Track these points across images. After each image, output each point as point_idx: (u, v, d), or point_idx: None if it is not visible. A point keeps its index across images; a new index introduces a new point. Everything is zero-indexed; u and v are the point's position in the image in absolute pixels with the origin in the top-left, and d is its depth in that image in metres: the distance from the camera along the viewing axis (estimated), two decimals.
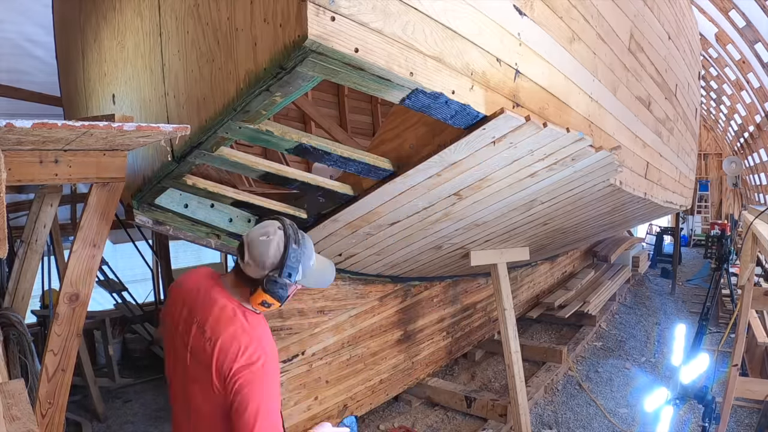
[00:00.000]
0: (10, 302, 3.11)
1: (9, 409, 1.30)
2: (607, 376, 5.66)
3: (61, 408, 2.09)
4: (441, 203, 2.81)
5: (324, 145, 2.08)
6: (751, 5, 6.59)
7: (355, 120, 5.99)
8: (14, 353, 2.75)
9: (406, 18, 1.56)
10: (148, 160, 2.37)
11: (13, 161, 1.68)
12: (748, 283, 3.58)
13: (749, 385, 3.91)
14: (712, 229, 14.80)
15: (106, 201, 1.98)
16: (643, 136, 4.07)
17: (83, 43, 3.24)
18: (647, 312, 8.17)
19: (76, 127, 1.45)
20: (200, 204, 2.72)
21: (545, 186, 3.07)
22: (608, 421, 4.63)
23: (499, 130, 2.13)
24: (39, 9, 4.77)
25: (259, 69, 1.52)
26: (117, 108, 2.71)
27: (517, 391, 4.04)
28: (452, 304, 5.22)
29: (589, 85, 2.88)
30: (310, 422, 3.62)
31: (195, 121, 1.89)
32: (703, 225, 16.60)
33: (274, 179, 2.32)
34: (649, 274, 10.89)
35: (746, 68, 8.40)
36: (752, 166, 11.95)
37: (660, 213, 7.37)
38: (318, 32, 1.32)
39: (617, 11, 3.28)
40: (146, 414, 5.00)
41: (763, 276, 6.79)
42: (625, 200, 4.31)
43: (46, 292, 4.73)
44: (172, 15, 2.00)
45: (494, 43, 1.96)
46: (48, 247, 4.29)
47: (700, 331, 4.01)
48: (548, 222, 4.11)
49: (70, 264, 2.02)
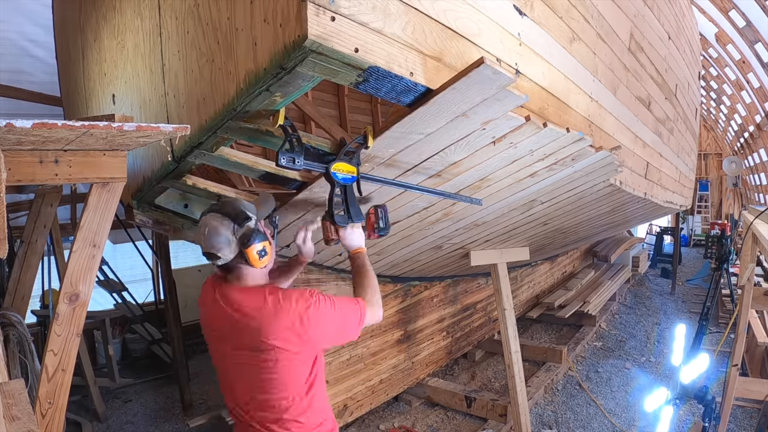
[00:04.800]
0: (10, 302, 3.11)
1: (9, 409, 1.30)
2: (607, 376, 5.66)
3: (61, 408, 2.09)
4: (441, 203, 2.81)
5: (323, 146, 2.08)
6: (751, 5, 6.59)
7: (355, 120, 5.99)
8: (14, 353, 2.75)
9: (406, 18, 1.56)
10: (148, 160, 2.37)
11: (13, 161, 1.67)
12: (748, 283, 3.58)
13: (749, 385, 3.91)
14: (712, 229, 14.80)
15: (106, 201, 1.98)
16: (643, 136, 4.07)
17: (83, 43, 3.24)
18: (647, 312, 8.17)
19: (76, 127, 1.45)
20: (200, 204, 2.72)
21: (545, 186, 3.08)
22: (608, 421, 4.63)
23: (499, 130, 2.13)
24: (39, 9, 4.77)
25: (259, 69, 1.52)
26: (117, 108, 2.71)
27: (517, 391, 4.04)
28: (452, 304, 5.22)
29: (589, 85, 2.88)
30: None
31: (195, 121, 1.89)
32: (703, 225, 16.60)
33: (274, 179, 2.32)
34: (649, 274, 10.89)
35: (746, 68, 8.40)
36: (752, 166, 11.95)
37: (660, 213, 7.36)
38: (318, 32, 1.32)
39: (617, 11, 3.28)
40: (146, 414, 5.00)
41: (763, 276, 6.79)
42: (625, 200, 4.31)
43: (46, 292, 4.73)
44: (172, 15, 2.00)
45: (494, 43, 1.96)
46: (48, 247, 4.30)
47: (700, 331, 4.01)
48: (548, 222, 4.11)
49: (70, 264, 2.02)
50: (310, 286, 3.65)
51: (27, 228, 3.17)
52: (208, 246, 1.69)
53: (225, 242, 1.67)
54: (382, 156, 2.12)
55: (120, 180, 1.93)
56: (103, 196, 1.96)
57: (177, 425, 4.75)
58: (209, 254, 1.71)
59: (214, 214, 1.70)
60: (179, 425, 4.73)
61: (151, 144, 1.99)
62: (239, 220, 1.69)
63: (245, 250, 1.68)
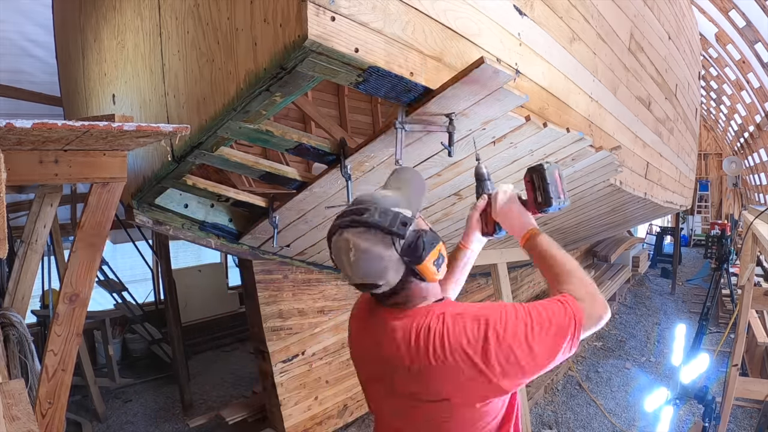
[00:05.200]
0: (10, 302, 3.10)
1: (9, 409, 1.30)
2: (607, 376, 5.66)
3: (61, 408, 2.09)
4: (441, 203, 2.81)
5: (324, 146, 2.09)
6: (751, 5, 6.59)
7: (355, 120, 5.98)
8: (14, 353, 2.75)
9: (406, 18, 1.56)
10: (148, 160, 2.37)
11: (13, 161, 1.67)
12: (748, 283, 3.58)
13: (749, 385, 3.91)
14: (712, 229, 14.80)
15: (106, 201, 1.98)
16: (643, 136, 4.07)
17: (83, 43, 3.24)
18: (647, 312, 8.17)
19: (76, 127, 1.45)
20: (200, 204, 2.72)
21: None
22: (608, 421, 4.62)
23: (499, 130, 2.13)
24: (39, 9, 4.77)
25: (259, 69, 1.52)
26: (117, 108, 2.71)
27: (517, 391, 4.03)
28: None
29: (589, 85, 2.88)
30: (310, 422, 3.63)
31: (195, 121, 1.89)
32: (703, 225, 16.60)
33: (274, 179, 2.32)
34: (649, 274, 10.89)
35: (746, 68, 8.39)
36: (752, 166, 11.94)
37: (660, 213, 7.37)
38: (318, 32, 1.32)
39: (617, 11, 3.28)
40: (146, 414, 5.00)
41: (763, 276, 6.79)
42: (625, 200, 4.31)
43: (46, 292, 4.73)
44: (172, 15, 2.00)
45: (494, 43, 1.96)
46: (48, 247, 4.29)
47: (700, 331, 4.01)
48: (548, 222, 4.11)
49: (70, 264, 2.02)
50: (310, 286, 3.64)
51: (27, 228, 3.16)
52: (361, 276, 1.19)
53: (388, 266, 1.17)
54: (381, 156, 2.12)
55: (120, 180, 1.94)
56: (103, 196, 1.97)
57: (177, 425, 4.75)
58: (364, 285, 1.21)
59: (356, 229, 1.17)
60: (179, 425, 4.73)
61: (151, 144, 2.00)
62: (396, 226, 1.16)
63: (419, 267, 1.18)
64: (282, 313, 3.41)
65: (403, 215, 1.18)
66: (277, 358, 3.40)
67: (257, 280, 3.28)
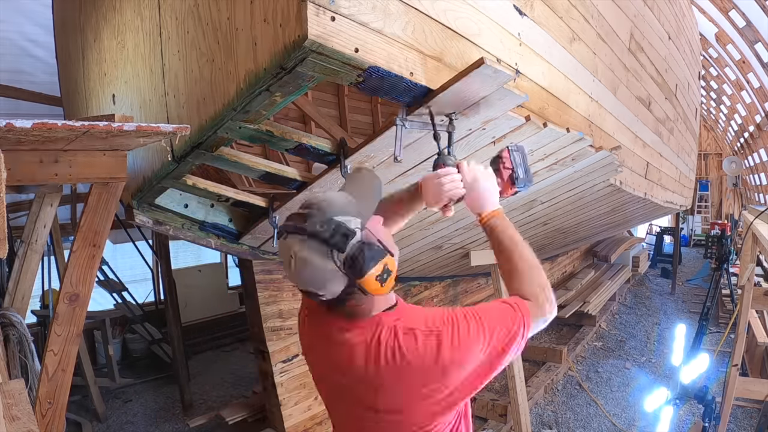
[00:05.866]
0: (10, 302, 3.10)
1: (9, 409, 1.30)
2: (607, 376, 5.66)
3: (61, 408, 2.09)
4: None
5: (323, 146, 2.09)
6: (751, 5, 6.59)
7: (355, 120, 5.98)
8: (14, 353, 2.75)
9: (406, 18, 1.56)
10: (148, 160, 2.37)
11: (13, 161, 1.67)
12: (748, 283, 3.58)
13: (749, 385, 3.91)
14: (712, 229, 14.80)
15: (106, 201, 1.98)
16: (643, 136, 4.07)
17: (83, 43, 3.24)
18: (647, 312, 8.17)
19: (76, 127, 1.45)
20: (200, 204, 2.72)
21: (545, 186, 3.08)
22: (608, 421, 4.63)
23: (499, 130, 2.13)
24: (39, 9, 4.77)
25: (259, 69, 1.52)
26: (117, 108, 2.71)
27: (517, 391, 4.04)
28: (452, 304, 5.22)
29: (589, 85, 2.88)
30: (310, 422, 3.62)
31: (195, 121, 1.89)
32: (703, 225, 16.60)
33: (274, 179, 2.32)
34: (649, 274, 10.89)
35: (746, 68, 8.40)
36: (752, 166, 11.95)
37: (660, 213, 7.37)
38: (318, 32, 1.32)
39: (617, 11, 3.28)
40: (146, 414, 5.00)
41: (763, 276, 6.79)
42: (625, 200, 4.32)
43: (46, 292, 4.73)
44: (172, 15, 2.00)
45: (494, 43, 1.96)
46: (48, 247, 4.30)
47: (700, 331, 4.01)
48: (548, 222, 4.11)
49: (70, 264, 2.02)
50: None
51: (27, 228, 3.17)
52: (302, 284, 1.16)
53: (327, 277, 1.12)
54: (381, 156, 2.12)
55: (120, 180, 1.94)
56: (103, 196, 1.97)
57: (177, 425, 4.75)
58: (307, 292, 1.18)
59: (298, 236, 1.12)
60: (179, 425, 4.73)
61: (151, 144, 2.00)
62: (336, 239, 1.11)
63: (360, 282, 1.12)
64: (282, 313, 3.41)
65: (345, 226, 1.12)
66: (277, 358, 3.39)
67: (257, 280, 3.28)
